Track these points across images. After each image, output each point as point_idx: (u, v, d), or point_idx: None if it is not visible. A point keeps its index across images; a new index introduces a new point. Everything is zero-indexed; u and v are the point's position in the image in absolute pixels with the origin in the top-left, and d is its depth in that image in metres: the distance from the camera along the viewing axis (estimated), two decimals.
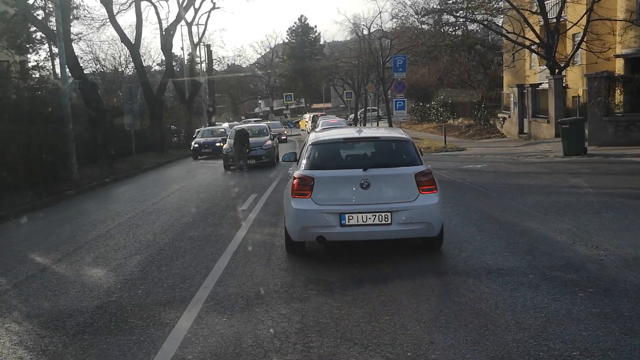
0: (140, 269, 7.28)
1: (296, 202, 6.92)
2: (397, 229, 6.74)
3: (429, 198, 6.86)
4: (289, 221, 7.14)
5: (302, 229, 6.91)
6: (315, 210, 6.78)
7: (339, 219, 6.71)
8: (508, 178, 14.47)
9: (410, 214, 6.76)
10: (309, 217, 6.82)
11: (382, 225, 6.71)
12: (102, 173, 20.01)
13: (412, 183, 6.85)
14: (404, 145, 7.48)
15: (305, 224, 6.87)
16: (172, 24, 33.95)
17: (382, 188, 6.88)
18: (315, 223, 6.80)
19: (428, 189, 6.89)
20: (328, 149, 7.56)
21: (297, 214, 6.90)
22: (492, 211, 9.90)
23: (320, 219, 6.77)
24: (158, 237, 9.30)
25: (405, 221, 6.74)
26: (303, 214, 6.84)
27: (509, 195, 11.49)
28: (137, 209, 12.60)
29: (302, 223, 6.89)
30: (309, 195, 6.85)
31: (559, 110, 22.99)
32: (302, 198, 6.88)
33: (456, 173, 15.98)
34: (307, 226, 6.87)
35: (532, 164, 17.46)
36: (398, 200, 6.80)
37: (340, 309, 5.39)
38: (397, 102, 28.80)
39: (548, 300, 5.36)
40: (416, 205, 6.78)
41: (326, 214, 6.75)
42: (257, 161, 20.82)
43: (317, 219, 6.78)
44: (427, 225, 6.85)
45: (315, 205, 6.80)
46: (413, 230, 6.86)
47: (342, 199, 6.84)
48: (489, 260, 6.83)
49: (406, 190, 6.84)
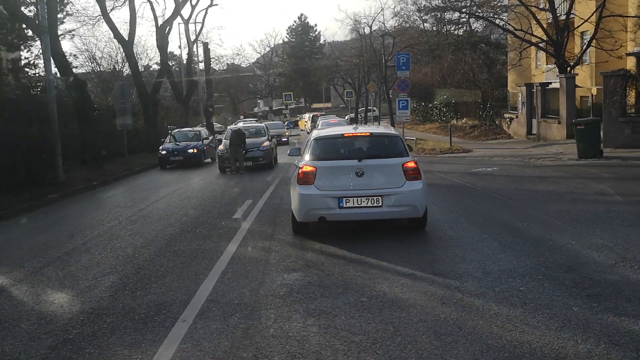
0: (111, 294, 6.22)
1: (301, 188, 8.05)
2: (387, 210, 7.90)
3: (414, 184, 7.98)
4: (295, 205, 8.27)
5: (306, 211, 8.03)
6: (318, 195, 7.93)
7: (337, 202, 7.88)
8: (523, 183, 13.42)
9: (397, 198, 7.88)
10: (312, 201, 7.94)
11: (374, 208, 7.86)
12: (90, 175, 18.94)
13: (400, 172, 7.98)
14: (393, 140, 8.60)
15: (309, 207, 7.99)
16: (168, 19, 32.89)
17: (374, 176, 7.99)
18: (318, 206, 7.92)
19: (413, 177, 8.01)
20: (328, 143, 8.67)
21: (302, 199, 8.02)
22: (513, 222, 8.85)
23: (322, 202, 7.90)
24: (138, 251, 8.25)
25: (393, 204, 7.87)
26: (307, 198, 7.97)
27: (529, 203, 10.45)
28: (122, 216, 11.56)
29: (306, 206, 8.01)
30: (312, 182, 8.01)
31: (571, 110, 21.95)
32: (306, 185, 8.03)
33: (466, 177, 14.95)
34: (310, 209, 7.98)
35: (545, 167, 16.42)
36: (387, 186, 7.92)
37: (348, 355, 4.35)
38: (400, 101, 27.80)
39: (605, 344, 4.32)
40: (403, 191, 7.91)
41: (327, 198, 7.89)
42: (254, 163, 19.77)
43: (319, 202, 7.91)
44: (412, 208, 7.96)
45: (318, 191, 7.95)
46: (400, 211, 8.01)
47: (340, 186, 7.96)
48: (521, 285, 5.78)
49: (394, 177, 7.97)
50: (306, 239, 8.32)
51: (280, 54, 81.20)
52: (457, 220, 9.22)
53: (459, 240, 7.80)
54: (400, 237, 8.21)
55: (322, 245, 7.94)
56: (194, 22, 43.80)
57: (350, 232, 8.64)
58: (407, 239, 8.03)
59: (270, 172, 18.86)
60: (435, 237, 8.14)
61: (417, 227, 8.46)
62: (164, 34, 32.21)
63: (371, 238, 8.20)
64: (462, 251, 7.20)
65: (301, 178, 8.10)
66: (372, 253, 7.31)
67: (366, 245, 7.76)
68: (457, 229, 8.50)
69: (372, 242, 7.91)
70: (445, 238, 8.00)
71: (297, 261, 7.15)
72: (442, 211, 10.08)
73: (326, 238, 8.28)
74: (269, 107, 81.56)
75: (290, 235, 8.70)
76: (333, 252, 7.53)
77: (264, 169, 19.64)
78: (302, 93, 78.09)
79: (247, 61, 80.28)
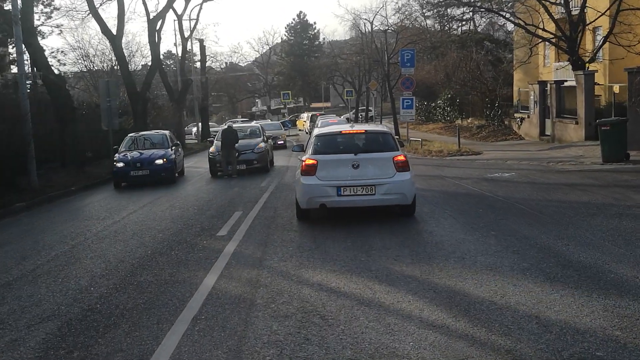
0: (38, 356, 4.64)
1: (304, 179, 9.00)
2: (379, 198, 8.84)
3: (403, 175, 8.88)
4: (299, 194, 9.22)
5: (309, 199, 8.96)
6: (319, 184, 8.84)
7: (336, 191, 8.79)
8: (550, 192, 11.83)
9: (389, 187, 8.80)
10: (314, 190, 8.88)
11: (368, 196, 8.79)
12: (70, 180, 17.35)
13: (391, 164, 8.90)
14: (385, 136, 9.57)
15: (312, 195, 8.92)
16: (160, 12, 31.17)
17: (368, 168, 8.91)
18: (319, 194, 8.85)
19: (402, 169, 8.90)
20: (328, 139, 9.61)
21: (305, 188, 8.97)
22: (554, 244, 7.27)
23: (323, 191, 8.83)
24: (95, 282, 6.67)
25: (385, 192, 8.79)
26: (309, 187, 8.92)
27: (565, 219, 8.87)
28: (91, 231, 9.98)
29: (309, 194, 8.94)
30: (314, 173, 8.92)
31: (590, 109, 20.37)
32: (308, 176, 8.94)
33: (482, 184, 13.37)
34: (312, 197, 8.92)
35: (569, 172, 14.83)
36: (380, 177, 8.83)
37: None
38: (404, 100, 26.35)
39: None
40: (393, 181, 8.82)
41: (327, 187, 8.81)
42: (247, 166, 18.15)
43: (320, 191, 8.84)
44: (402, 196, 8.89)
45: (319, 181, 8.86)
46: (391, 199, 8.92)
47: (338, 176, 8.85)
48: (599, 350, 4.20)
49: (386, 169, 8.88)
50: (302, 267, 6.75)
51: (278, 52, 79.47)
52: (486, 241, 7.64)
53: (496, 271, 6.22)
54: (420, 262, 6.63)
55: (323, 275, 6.38)
56: (189, 19, 42.25)
57: (358, 260, 7.07)
58: (428, 264, 6.45)
59: (266, 176, 17.27)
60: (463, 263, 6.56)
61: (407, 214, 9.33)
62: (154, 27, 30.58)
63: (385, 267, 6.63)
64: (503, 289, 5.62)
65: (304, 170, 9.07)
66: (388, 290, 5.74)
67: (379, 279, 6.18)
68: (489, 255, 6.92)
69: (385, 273, 6.34)
70: (477, 267, 6.42)
71: (291, 301, 5.57)
72: (466, 229, 8.50)
73: (328, 264, 6.71)
74: (267, 106, 79.86)
75: (284, 261, 7.14)
76: (337, 288, 5.95)
77: (258, 172, 18.03)
78: (301, 92, 76.42)
79: (246, 60, 78.52)
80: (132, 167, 16.36)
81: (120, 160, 16.66)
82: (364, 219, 9.29)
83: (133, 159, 16.50)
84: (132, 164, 16.36)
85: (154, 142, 18.03)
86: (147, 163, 16.45)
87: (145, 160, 16.48)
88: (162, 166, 16.58)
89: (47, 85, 18.59)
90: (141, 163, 16.39)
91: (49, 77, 17.94)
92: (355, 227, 8.84)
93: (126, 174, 16.44)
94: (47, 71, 18.13)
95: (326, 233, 8.59)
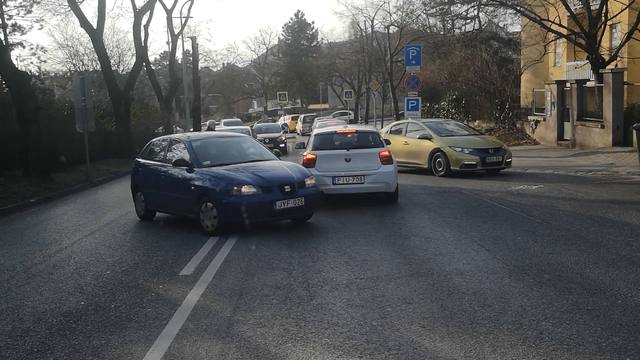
0: None
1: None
2: (368, 186, 10.96)
3: (387, 167, 10.99)
4: None
5: None
6: (318, 175, 10.40)
7: (332, 180, 10.85)
8: (597, 211, 9.65)
9: (375, 177, 10.90)
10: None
11: (358, 184, 10.92)
12: (31, 190, 15.15)
13: (377, 158, 11.03)
14: (373, 135, 11.83)
15: None
16: (147, 3, 29.02)
17: (358, 161, 11.01)
18: (318, 183, 9.91)
19: (386, 162, 11.01)
20: (325, 137, 11.78)
21: None
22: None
23: (321, 180, 10.42)
24: None
25: (372, 182, 10.91)
26: None
27: (638, 254, 6.74)
28: (23, 265, 7.83)
29: None
30: (313, 166, 10.83)
31: (618, 112, 18.29)
32: (309, 168, 10.39)
33: (509, 199, 11.25)
34: None
35: (608, 185, 12.71)
36: (368, 168, 10.92)
37: None
38: (409, 101, 24.14)
39: None
40: (379, 172, 10.92)
41: (324, 177, 10.73)
42: None
43: (319, 180, 10.19)
44: (386, 184, 11.00)
45: (318, 172, 10.62)
46: (377, 187, 11.01)
47: (334, 168, 10.93)
48: None
49: (373, 162, 10.99)
50: (287, 339, 4.61)
51: (276, 52, 77.33)
52: (543, 292, 5.50)
53: (576, 352, 4.09)
54: (459, 330, 4.50)
55: (317, 354, 4.24)
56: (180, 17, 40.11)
57: (369, 324, 4.93)
58: (472, 335, 4.32)
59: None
60: (524, 335, 4.42)
61: (391, 200, 11.24)
62: (140, 21, 28.43)
63: (409, 341, 4.49)
64: None
65: (305, 163, 10.78)
66: None
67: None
68: (556, 319, 4.78)
69: (411, 354, 4.20)
70: (545, 342, 4.29)
71: None
72: (508, 268, 6.36)
73: (325, 333, 4.57)
74: (264, 107, 77.69)
75: (259, 324, 5.00)
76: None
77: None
78: (298, 93, 74.36)
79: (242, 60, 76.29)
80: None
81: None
82: (369, 248, 7.15)
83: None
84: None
85: None
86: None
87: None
88: None
89: (7, 82, 16.42)
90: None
91: (7, 73, 15.75)
92: (360, 259, 6.70)
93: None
94: (7, 67, 15.93)
95: (323, 273, 6.47)
